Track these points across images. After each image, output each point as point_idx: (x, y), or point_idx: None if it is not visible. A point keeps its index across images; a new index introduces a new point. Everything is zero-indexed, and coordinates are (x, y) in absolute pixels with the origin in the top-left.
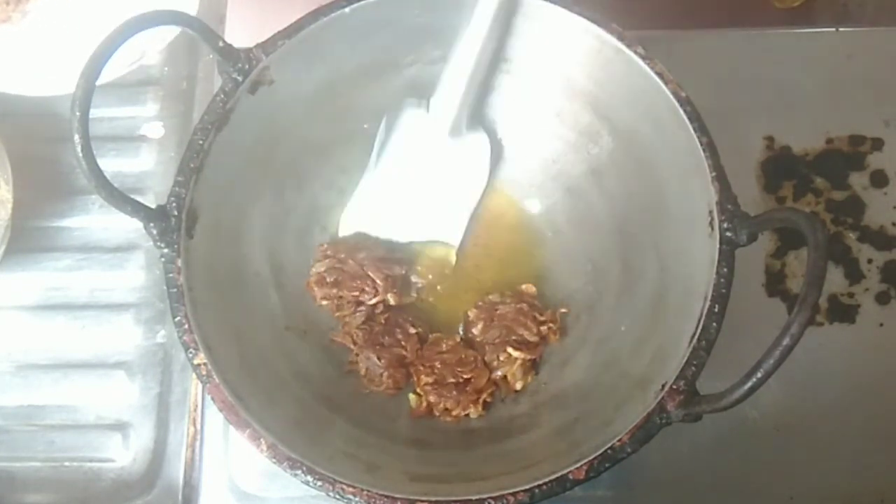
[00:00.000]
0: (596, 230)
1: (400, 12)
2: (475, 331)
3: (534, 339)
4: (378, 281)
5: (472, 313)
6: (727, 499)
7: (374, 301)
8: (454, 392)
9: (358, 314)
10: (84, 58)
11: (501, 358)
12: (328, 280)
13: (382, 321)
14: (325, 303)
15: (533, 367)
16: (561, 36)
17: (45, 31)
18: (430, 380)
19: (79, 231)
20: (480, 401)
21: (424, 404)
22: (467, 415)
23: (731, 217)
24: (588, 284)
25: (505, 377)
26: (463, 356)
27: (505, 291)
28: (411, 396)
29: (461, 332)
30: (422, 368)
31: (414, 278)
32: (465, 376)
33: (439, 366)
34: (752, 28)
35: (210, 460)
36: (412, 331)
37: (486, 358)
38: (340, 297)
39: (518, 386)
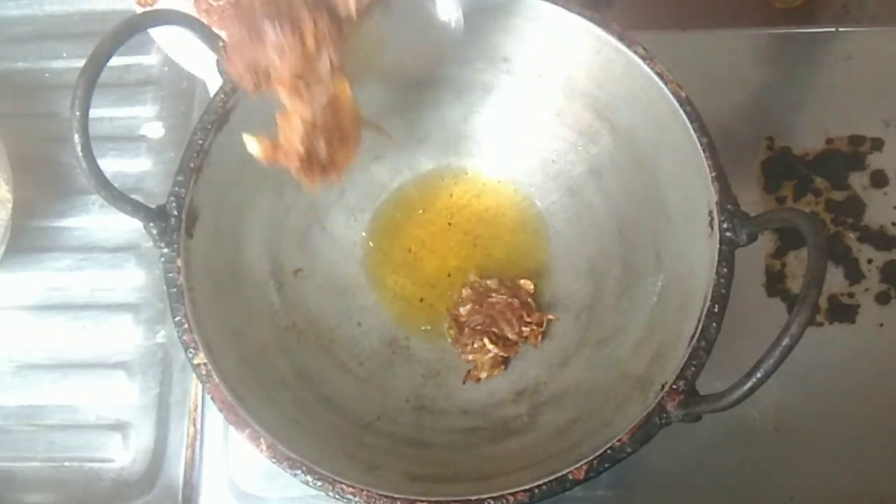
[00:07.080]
0: (596, 230)
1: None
2: (462, 310)
3: (513, 337)
4: None
5: (465, 291)
6: (727, 499)
7: None
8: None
9: None
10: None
11: (476, 345)
12: None
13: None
14: None
15: (503, 362)
16: (561, 36)
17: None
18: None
19: (79, 231)
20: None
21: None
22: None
23: (730, 217)
24: (588, 284)
25: (476, 364)
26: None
27: (504, 280)
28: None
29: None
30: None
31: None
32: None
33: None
34: (752, 28)
35: (210, 460)
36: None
37: (462, 339)
38: None
39: (482, 376)
